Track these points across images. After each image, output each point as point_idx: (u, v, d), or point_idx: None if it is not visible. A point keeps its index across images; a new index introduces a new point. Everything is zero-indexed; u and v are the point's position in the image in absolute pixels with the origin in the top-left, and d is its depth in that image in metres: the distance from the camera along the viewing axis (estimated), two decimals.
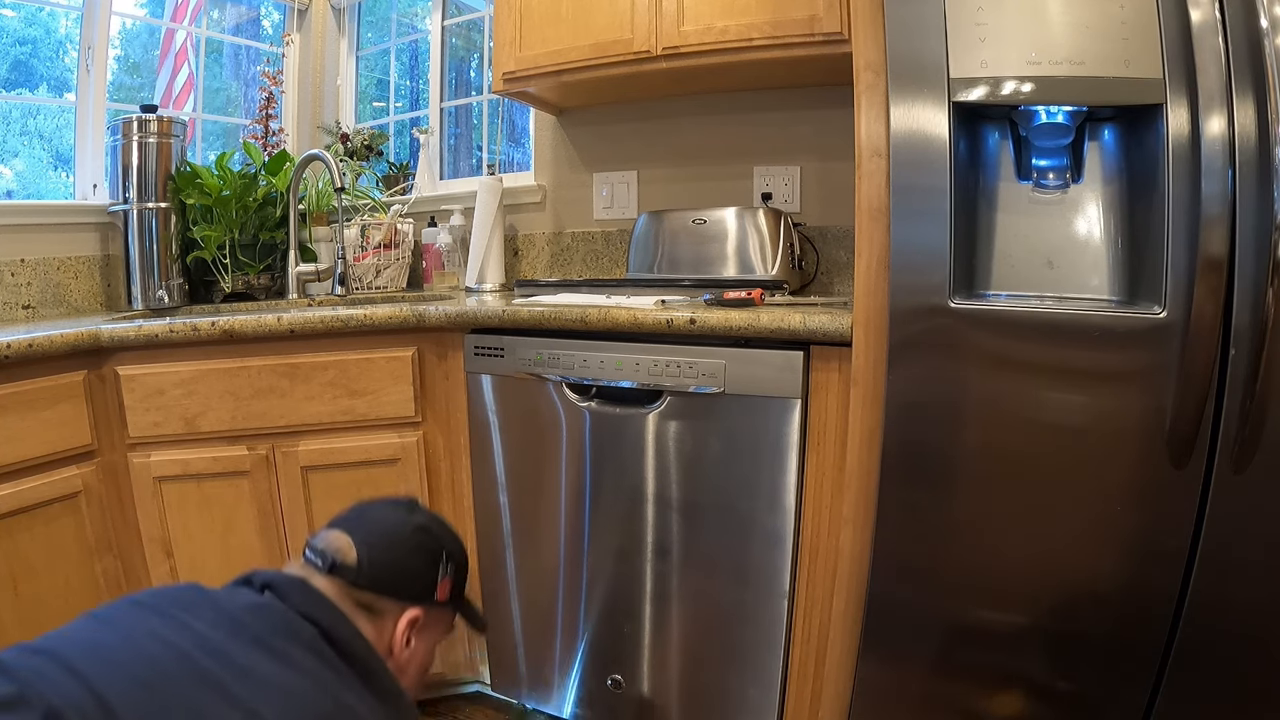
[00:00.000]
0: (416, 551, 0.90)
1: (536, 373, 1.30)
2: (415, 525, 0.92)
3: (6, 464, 1.12)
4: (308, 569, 0.84)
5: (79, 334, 1.21)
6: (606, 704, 1.35)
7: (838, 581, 1.09)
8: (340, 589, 0.82)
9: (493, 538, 1.41)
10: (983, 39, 0.88)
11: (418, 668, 0.91)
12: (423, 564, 0.90)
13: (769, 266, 1.53)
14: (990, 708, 0.98)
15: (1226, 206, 0.75)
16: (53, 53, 2.01)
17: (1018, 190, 0.97)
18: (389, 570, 0.85)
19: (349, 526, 0.88)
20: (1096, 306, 0.86)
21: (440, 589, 0.91)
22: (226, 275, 1.82)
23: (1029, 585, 0.93)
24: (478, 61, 2.40)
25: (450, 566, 0.92)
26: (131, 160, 1.70)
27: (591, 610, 1.34)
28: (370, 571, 0.84)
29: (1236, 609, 0.83)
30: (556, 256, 2.00)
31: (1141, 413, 0.83)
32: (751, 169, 1.76)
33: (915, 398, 0.94)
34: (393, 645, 0.85)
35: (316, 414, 1.35)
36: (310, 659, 0.71)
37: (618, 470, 1.27)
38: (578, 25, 1.56)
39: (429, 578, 0.90)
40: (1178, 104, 0.80)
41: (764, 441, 1.14)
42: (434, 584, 0.90)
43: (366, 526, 0.89)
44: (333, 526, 0.89)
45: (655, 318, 1.18)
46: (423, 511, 0.96)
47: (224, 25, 2.36)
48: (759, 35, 1.39)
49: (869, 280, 0.99)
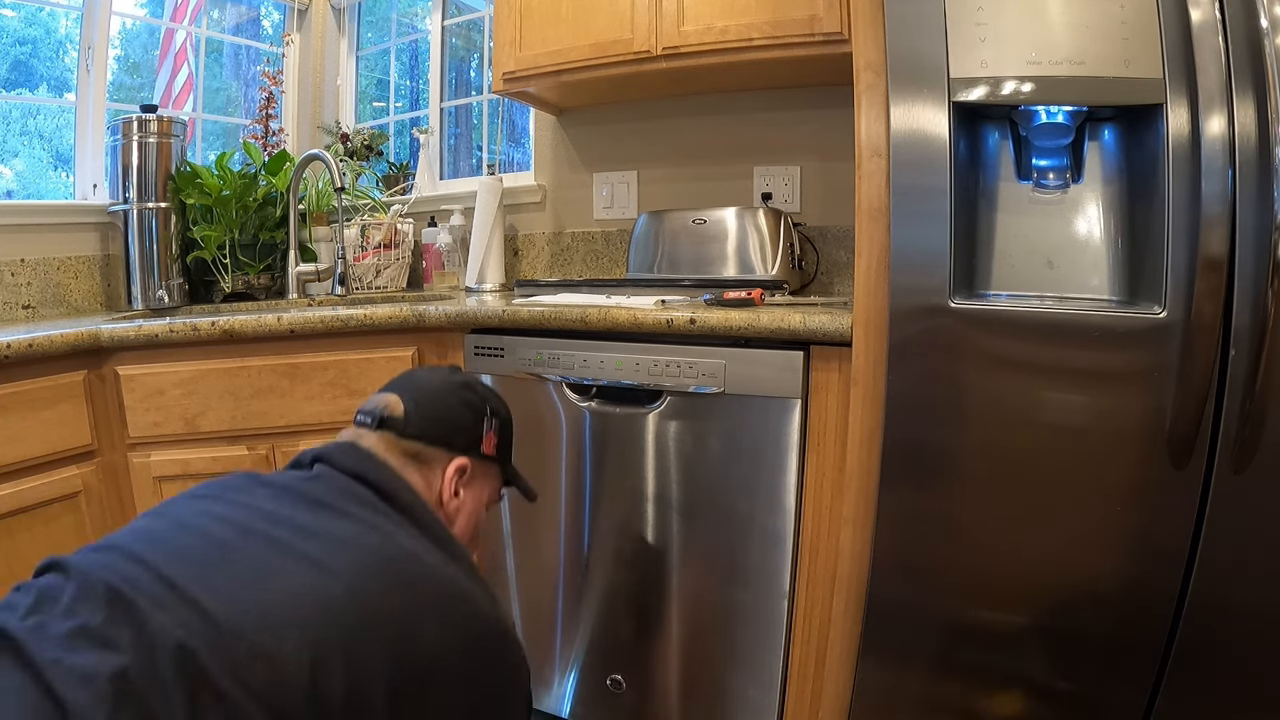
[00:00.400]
0: (462, 405, 0.92)
1: (536, 373, 1.30)
2: (460, 382, 0.95)
3: (7, 464, 1.12)
4: (358, 431, 0.86)
5: (79, 334, 1.21)
6: (606, 704, 1.35)
7: (838, 581, 1.09)
8: (389, 442, 0.84)
9: (492, 538, 1.41)
10: (983, 39, 0.88)
11: (467, 520, 0.91)
12: (469, 416, 0.91)
13: (769, 266, 1.53)
14: (990, 708, 0.98)
15: (1226, 206, 0.75)
16: (53, 53, 2.01)
17: (1018, 190, 0.97)
18: (435, 420, 0.88)
19: (397, 387, 0.91)
20: (1096, 306, 0.86)
21: (486, 442, 0.92)
22: (226, 275, 1.82)
23: (1029, 585, 0.93)
24: (478, 61, 2.40)
25: (495, 421, 0.94)
26: (131, 160, 1.70)
27: (591, 610, 1.34)
28: (417, 421, 0.86)
29: (1236, 609, 0.83)
30: (556, 256, 2.00)
31: (1141, 413, 0.83)
32: (751, 169, 1.76)
33: (915, 398, 0.94)
34: (442, 495, 0.86)
35: (317, 414, 1.35)
36: (367, 512, 0.73)
37: (618, 470, 1.27)
38: (578, 25, 1.56)
39: (474, 430, 0.91)
40: (1178, 104, 0.80)
41: (764, 441, 1.14)
42: (480, 436, 0.92)
43: (414, 385, 0.92)
44: (382, 391, 0.92)
45: (655, 318, 1.18)
46: (468, 374, 0.99)
47: (224, 25, 2.36)
48: (759, 35, 1.39)
49: (869, 280, 0.99)
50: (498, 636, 0.72)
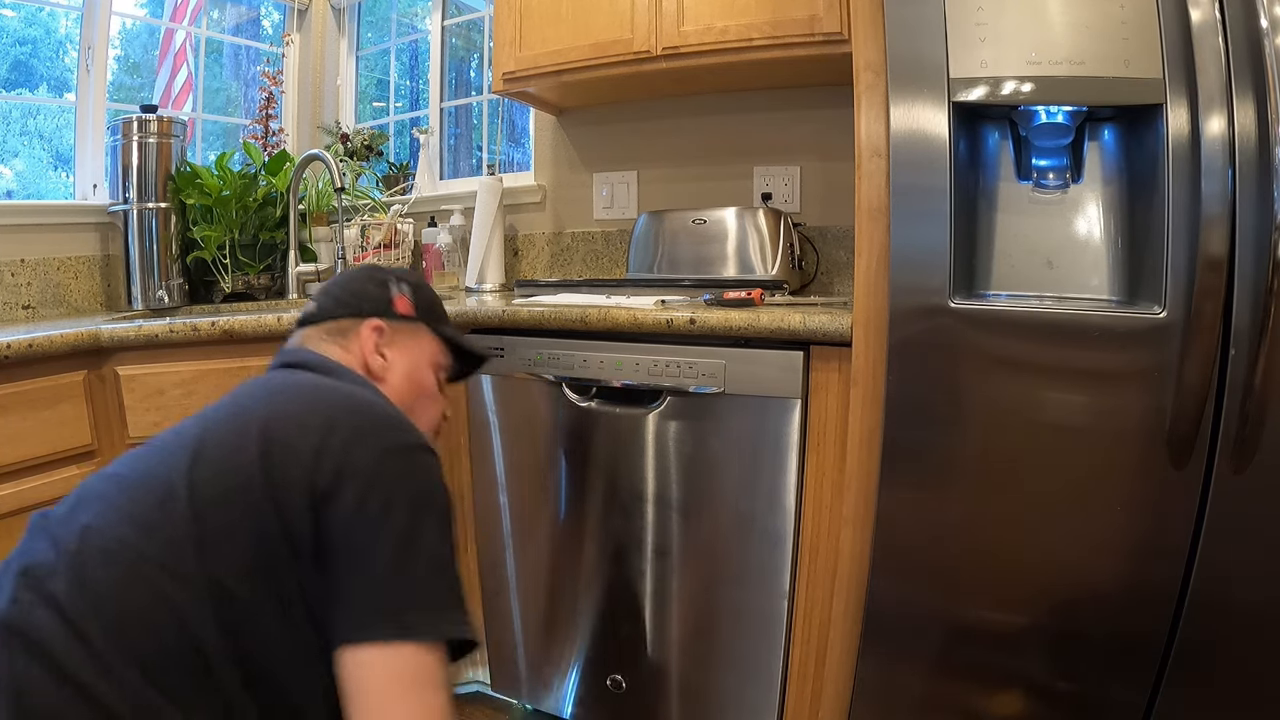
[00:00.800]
0: (367, 279, 0.95)
1: (536, 373, 1.30)
2: (367, 265, 1.01)
3: (7, 464, 1.12)
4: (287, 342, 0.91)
5: (79, 334, 1.21)
6: (606, 704, 1.35)
7: (838, 581, 1.09)
8: (310, 333, 0.89)
9: (493, 538, 1.41)
10: (983, 39, 0.88)
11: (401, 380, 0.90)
12: (374, 287, 0.94)
13: (769, 266, 1.53)
14: (990, 708, 0.98)
15: (1226, 206, 0.75)
16: (53, 53, 2.01)
17: (1018, 190, 0.97)
18: (344, 299, 0.91)
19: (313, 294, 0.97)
20: (1096, 306, 0.86)
21: (398, 302, 0.93)
22: (226, 275, 1.82)
23: (1029, 585, 0.93)
24: (478, 61, 2.40)
25: (404, 285, 0.96)
26: (131, 160, 1.70)
27: (591, 610, 1.34)
28: (329, 305, 0.91)
29: (1236, 609, 0.83)
30: (556, 256, 2.00)
31: (1141, 413, 0.83)
32: (751, 169, 1.76)
33: (915, 398, 0.94)
34: (365, 358, 0.87)
35: None
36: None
37: (617, 470, 1.27)
38: (578, 25, 1.56)
39: (382, 295, 0.93)
40: (1178, 104, 0.80)
41: (764, 441, 1.14)
42: (388, 299, 0.93)
43: (324, 284, 0.96)
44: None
45: (655, 318, 1.18)
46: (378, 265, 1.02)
47: (224, 25, 2.36)
48: (759, 35, 1.39)
49: (869, 280, 0.99)
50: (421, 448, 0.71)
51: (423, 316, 0.96)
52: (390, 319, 0.91)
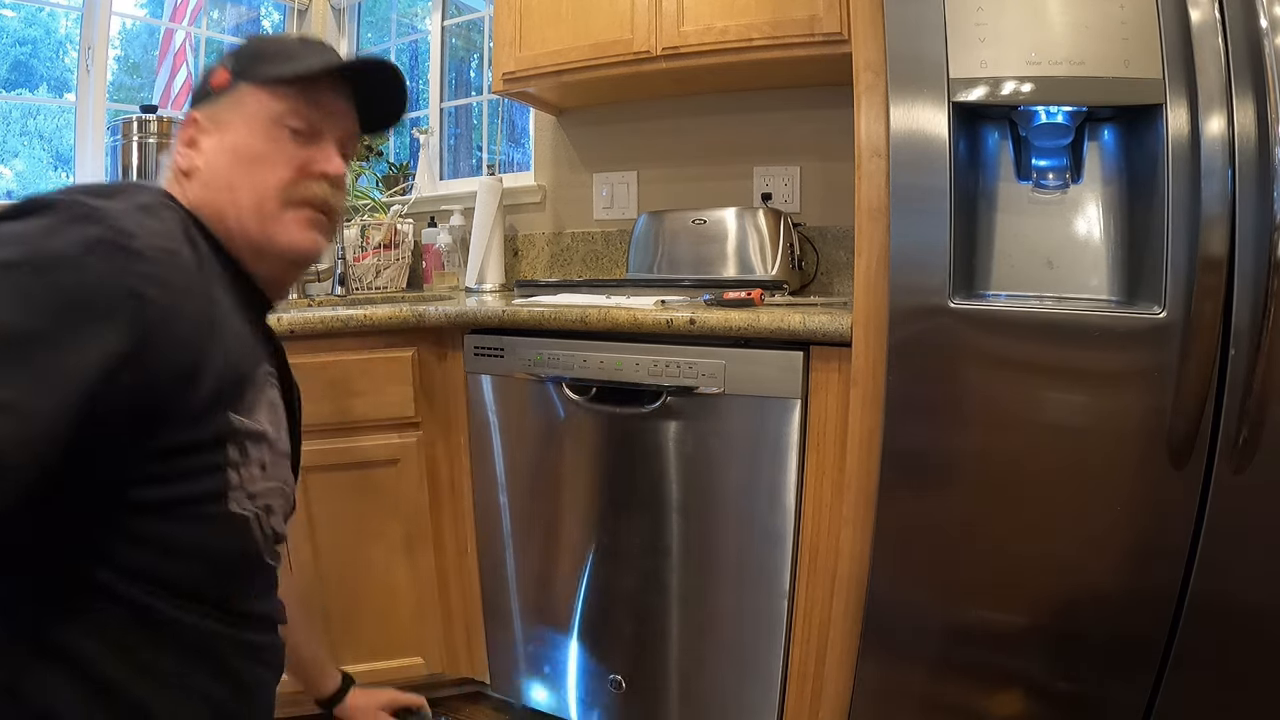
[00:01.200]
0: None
1: (536, 373, 1.30)
2: None
3: None
4: None
5: None
6: (606, 704, 1.35)
7: (838, 581, 1.09)
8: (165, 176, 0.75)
9: (493, 538, 1.41)
10: (982, 39, 0.88)
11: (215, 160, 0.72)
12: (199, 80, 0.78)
13: (769, 267, 1.53)
14: (990, 708, 0.98)
15: (1226, 206, 0.75)
16: (53, 53, 2.01)
17: (1018, 190, 0.97)
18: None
19: None
20: (1096, 306, 0.86)
21: (214, 78, 0.75)
22: None
23: (1029, 585, 0.93)
24: (478, 61, 2.40)
25: (229, 58, 0.76)
26: (131, 160, 1.70)
27: (591, 610, 1.34)
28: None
29: (1236, 609, 0.83)
30: (556, 257, 2.00)
31: (1141, 413, 0.83)
32: (751, 169, 1.76)
33: (915, 398, 0.94)
34: (175, 163, 0.73)
35: (316, 414, 1.34)
36: None
37: (617, 470, 1.27)
38: (578, 25, 1.56)
39: (202, 82, 0.76)
40: (1177, 104, 0.80)
41: (764, 441, 1.14)
42: (205, 82, 0.76)
43: None
44: None
45: (655, 318, 1.18)
46: None
47: (224, 25, 2.37)
48: (759, 35, 1.39)
49: (869, 280, 0.99)
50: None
51: (243, 76, 0.74)
52: (208, 102, 0.74)
